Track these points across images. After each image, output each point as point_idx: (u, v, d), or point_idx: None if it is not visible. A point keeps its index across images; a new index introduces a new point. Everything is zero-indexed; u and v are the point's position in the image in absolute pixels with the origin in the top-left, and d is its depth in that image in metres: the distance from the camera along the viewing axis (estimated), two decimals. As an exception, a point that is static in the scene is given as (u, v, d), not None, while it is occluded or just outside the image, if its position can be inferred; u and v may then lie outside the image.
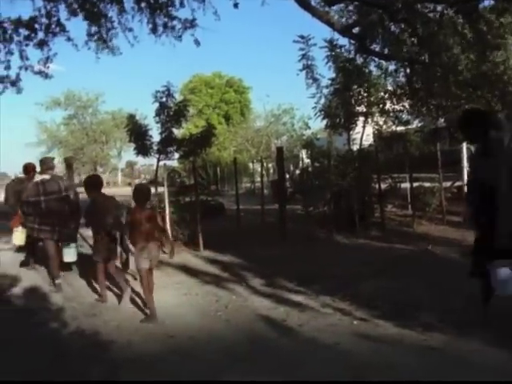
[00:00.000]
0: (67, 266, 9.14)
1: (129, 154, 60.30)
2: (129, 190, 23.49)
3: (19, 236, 9.48)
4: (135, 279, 8.14)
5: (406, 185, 14.87)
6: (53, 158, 9.54)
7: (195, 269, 9.56)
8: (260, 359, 5.17)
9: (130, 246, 6.94)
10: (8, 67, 12.21)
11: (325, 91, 13.71)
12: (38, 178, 8.84)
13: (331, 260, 9.70)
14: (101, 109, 60.62)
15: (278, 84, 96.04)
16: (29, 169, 9.77)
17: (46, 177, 8.68)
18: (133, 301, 7.54)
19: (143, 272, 6.76)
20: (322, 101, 13.85)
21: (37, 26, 11.77)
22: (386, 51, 12.44)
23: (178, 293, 7.92)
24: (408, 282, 7.65)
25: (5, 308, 7.60)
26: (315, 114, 14.03)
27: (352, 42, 12.79)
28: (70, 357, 5.48)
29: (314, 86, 13.39)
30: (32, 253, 9.96)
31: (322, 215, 13.59)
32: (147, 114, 12.75)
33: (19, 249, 10.28)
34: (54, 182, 8.64)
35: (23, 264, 10.11)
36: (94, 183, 8.00)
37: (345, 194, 12.96)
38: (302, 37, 12.05)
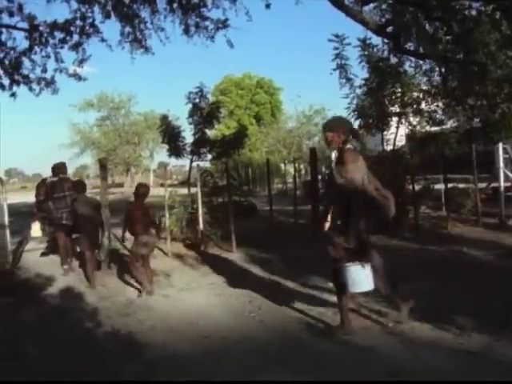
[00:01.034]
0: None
1: (161, 155, 60.85)
2: (161, 191, 23.68)
3: (36, 229, 10.37)
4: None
5: (439, 186, 14.69)
6: (64, 163, 10.49)
7: (228, 269, 9.55)
8: (294, 361, 5.14)
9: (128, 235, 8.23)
10: (44, 70, 12.38)
11: (358, 91, 13.63)
12: (48, 179, 10.18)
13: (365, 261, 9.60)
14: (133, 110, 61.13)
15: (309, 84, 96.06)
16: (54, 169, 10.35)
17: (55, 179, 10.07)
18: (166, 297, 7.62)
19: (138, 256, 8.07)
20: (355, 101, 13.77)
21: (72, 28, 11.91)
22: (420, 50, 12.25)
23: (211, 293, 7.92)
24: (443, 285, 7.52)
25: (40, 307, 7.69)
26: (348, 115, 13.94)
27: (386, 41, 12.65)
28: (105, 356, 5.52)
29: (347, 86, 13.30)
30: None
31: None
32: (179, 115, 12.89)
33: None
34: (60, 184, 9.95)
35: (43, 254, 11.22)
36: (80, 187, 9.53)
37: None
38: (336, 36, 11.95)
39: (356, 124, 14.55)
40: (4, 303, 7.90)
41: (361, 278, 5.67)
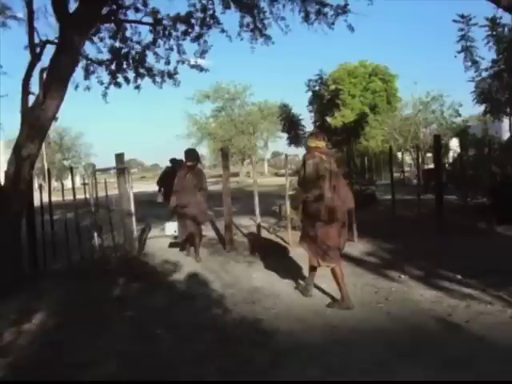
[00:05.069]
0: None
1: (274, 144, 61.46)
2: (276, 180, 23.87)
3: (159, 197, 14.06)
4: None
5: None
6: (173, 158, 13.87)
7: (350, 258, 9.39)
8: (424, 355, 4.97)
9: None
10: (168, 62, 12.71)
11: (484, 74, 13.00)
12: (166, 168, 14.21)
13: (494, 252, 9.15)
14: (248, 101, 62.03)
15: (426, 71, 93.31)
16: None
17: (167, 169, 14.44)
18: (290, 285, 7.59)
19: None
20: (481, 85, 13.17)
21: (193, 20, 12.13)
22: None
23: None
24: None
25: (168, 293, 7.92)
26: (473, 99, 13.37)
27: (517, 19, 11.88)
28: (234, 342, 5.58)
29: (472, 69, 12.70)
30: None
31: (480, 206, 12.93)
32: (292, 104, 12.93)
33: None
34: (167, 173, 13.39)
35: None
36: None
37: (507, 183, 12.19)
38: (461, 16, 11.38)
39: (474, 111, 13.99)
40: (133, 288, 8.21)
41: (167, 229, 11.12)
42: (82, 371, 4.99)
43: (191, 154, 10.78)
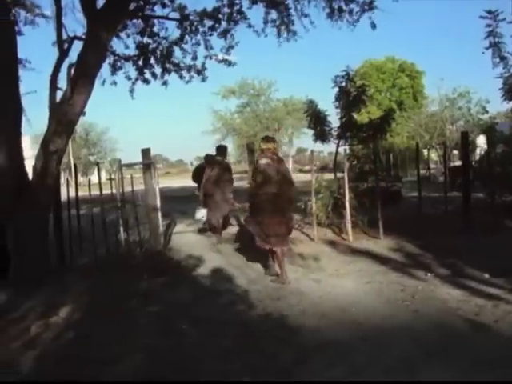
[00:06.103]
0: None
1: (299, 140, 61.35)
2: (300, 176, 23.82)
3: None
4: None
5: None
6: (206, 155, 13.11)
7: (376, 256, 9.35)
8: (452, 354, 4.92)
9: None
10: (195, 58, 12.73)
11: (513, 70, 12.75)
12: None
13: (523, 251, 9.01)
14: (273, 97, 61.94)
15: (453, 67, 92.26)
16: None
17: (201, 164, 13.78)
18: (316, 282, 7.56)
19: None
20: (510, 81, 12.92)
21: (220, 15, 12.13)
22: None
23: (361, 280, 7.77)
24: None
25: (192, 287, 7.95)
26: (502, 96, 13.14)
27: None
28: (259, 338, 5.58)
29: (501, 65, 12.48)
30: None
31: (508, 203, 12.76)
32: (318, 100, 12.87)
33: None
34: (202, 168, 12.67)
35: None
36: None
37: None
38: (489, 12, 11.20)
39: (509, 106, 13.77)
40: (158, 283, 8.23)
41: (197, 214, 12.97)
42: (108, 365, 5.01)
43: (219, 149, 12.45)
